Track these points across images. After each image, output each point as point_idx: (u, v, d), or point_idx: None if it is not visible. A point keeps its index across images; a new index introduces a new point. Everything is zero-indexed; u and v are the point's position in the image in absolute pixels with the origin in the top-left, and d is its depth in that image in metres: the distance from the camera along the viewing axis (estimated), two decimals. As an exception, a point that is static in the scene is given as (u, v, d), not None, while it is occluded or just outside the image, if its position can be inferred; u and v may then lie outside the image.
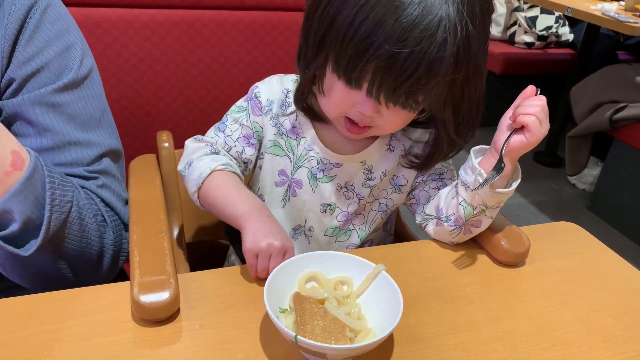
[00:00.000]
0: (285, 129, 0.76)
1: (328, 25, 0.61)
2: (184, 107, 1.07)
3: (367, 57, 0.57)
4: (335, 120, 0.70)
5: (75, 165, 0.72)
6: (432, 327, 0.58)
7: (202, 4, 1.01)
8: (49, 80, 0.68)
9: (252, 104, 0.76)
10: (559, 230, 0.80)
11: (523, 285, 0.67)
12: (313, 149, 0.75)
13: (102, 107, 0.77)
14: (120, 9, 0.97)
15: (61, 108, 0.69)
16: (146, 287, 0.56)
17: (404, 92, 0.59)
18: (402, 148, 0.76)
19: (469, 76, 0.62)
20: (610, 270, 0.72)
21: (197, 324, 0.56)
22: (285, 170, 0.77)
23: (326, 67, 0.65)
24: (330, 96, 0.66)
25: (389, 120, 0.66)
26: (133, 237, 0.65)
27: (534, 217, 2.29)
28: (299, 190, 0.76)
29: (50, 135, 0.69)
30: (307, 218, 0.78)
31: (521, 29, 2.92)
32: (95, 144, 0.74)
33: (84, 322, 0.55)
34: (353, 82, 0.61)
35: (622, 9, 2.28)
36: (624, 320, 0.62)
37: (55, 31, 0.69)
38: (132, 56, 1.00)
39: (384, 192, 0.78)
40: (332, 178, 0.76)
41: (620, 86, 2.18)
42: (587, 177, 2.52)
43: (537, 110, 0.63)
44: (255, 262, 0.62)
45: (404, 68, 0.56)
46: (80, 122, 0.72)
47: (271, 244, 0.61)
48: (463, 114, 0.67)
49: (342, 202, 0.77)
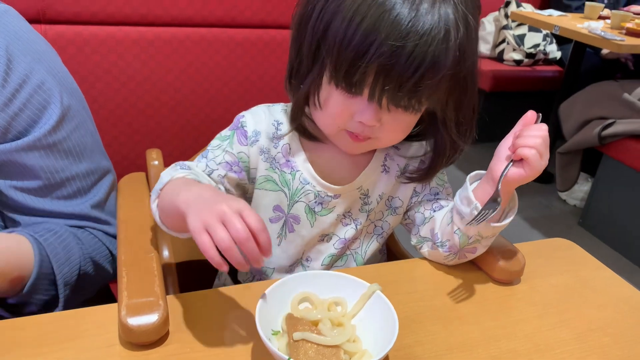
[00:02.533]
0: (278, 162, 0.72)
1: (323, 33, 0.59)
2: (174, 125, 1.06)
3: (369, 57, 0.55)
4: (335, 136, 0.67)
5: (77, 196, 0.72)
6: (428, 347, 0.57)
7: (193, 22, 1.01)
8: (34, 118, 0.66)
9: (237, 132, 0.71)
10: (553, 247, 0.80)
11: (519, 303, 0.66)
12: (309, 182, 0.72)
13: (91, 129, 0.77)
14: (110, 27, 0.97)
15: (57, 146, 0.69)
16: (134, 309, 0.54)
17: (409, 90, 0.57)
18: (397, 168, 0.75)
19: (470, 72, 0.61)
20: (606, 288, 0.71)
21: (187, 347, 0.54)
22: (280, 205, 0.73)
23: (322, 79, 0.63)
24: (328, 108, 0.64)
25: (390, 129, 0.64)
26: (121, 258, 0.63)
27: (526, 233, 2.29)
28: (296, 226, 0.74)
29: (49, 175, 0.69)
30: (304, 251, 0.76)
31: (510, 46, 2.96)
32: (92, 171, 0.74)
33: (69, 347, 0.53)
34: (354, 88, 0.59)
35: (608, 27, 2.31)
36: (622, 339, 0.61)
37: (26, 64, 0.66)
38: (121, 74, 0.99)
39: (380, 214, 0.76)
40: (332, 210, 0.73)
41: (608, 102, 2.20)
42: (577, 193, 2.53)
43: (538, 142, 0.60)
44: (208, 240, 0.49)
45: (408, 63, 0.54)
46: (75, 154, 0.71)
47: (217, 209, 0.50)
48: (464, 112, 0.66)
49: (339, 229, 0.75)
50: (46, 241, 0.66)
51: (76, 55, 0.95)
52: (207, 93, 1.06)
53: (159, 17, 0.98)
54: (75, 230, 0.73)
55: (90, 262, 0.74)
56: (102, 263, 0.76)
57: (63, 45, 0.94)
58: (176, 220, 0.59)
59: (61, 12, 0.92)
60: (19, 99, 0.65)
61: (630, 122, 2.11)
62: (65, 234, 0.70)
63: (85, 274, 0.73)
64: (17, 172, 0.67)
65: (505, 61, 2.99)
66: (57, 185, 0.70)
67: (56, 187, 0.70)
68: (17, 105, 0.65)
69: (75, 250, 0.70)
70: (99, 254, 0.75)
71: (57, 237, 0.68)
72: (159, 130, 1.05)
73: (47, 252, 0.66)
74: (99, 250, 0.76)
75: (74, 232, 0.72)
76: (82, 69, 0.96)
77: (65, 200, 0.72)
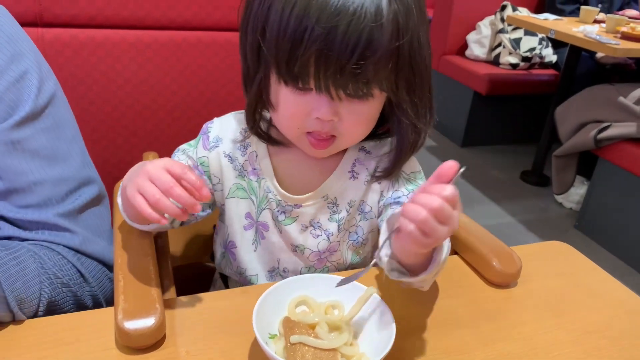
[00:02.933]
0: (245, 170, 0.72)
1: (261, 31, 0.59)
2: (171, 128, 1.06)
3: (305, 44, 0.55)
4: (297, 140, 0.66)
5: (45, 207, 0.66)
6: (425, 351, 0.57)
7: (190, 25, 1.01)
8: (3, 115, 0.62)
9: (203, 138, 0.73)
10: (549, 249, 0.80)
11: (516, 306, 0.67)
12: (272, 190, 0.71)
13: (71, 134, 0.72)
14: (107, 30, 0.97)
15: (21, 145, 0.63)
16: (131, 313, 0.54)
17: (351, 73, 0.55)
18: (366, 173, 0.72)
19: (414, 48, 0.59)
20: (603, 291, 0.71)
21: (183, 351, 0.54)
22: (250, 213, 0.73)
23: (270, 78, 0.63)
24: (283, 109, 0.63)
25: (350, 122, 0.62)
26: (118, 261, 0.63)
27: (522, 236, 2.29)
28: (266, 233, 0.73)
29: (12, 177, 0.63)
30: (279, 260, 0.74)
31: (506, 50, 2.97)
32: (66, 178, 0.68)
33: (65, 351, 0.53)
34: (300, 81, 0.58)
35: (603, 31, 2.33)
36: (619, 342, 0.62)
37: (5, 58, 0.63)
38: (118, 77, 0.99)
39: (353, 219, 0.73)
40: (295, 219, 0.72)
41: (604, 106, 2.22)
42: (573, 196, 2.54)
43: (421, 216, 0.46)
44: (141, 200, 0.54)
45: (344, 44, 0.54)
46: (44, 156, 0.66)
47: (144, 171, 0.55)
48: (418, 94, 0.64)
49: (310, 242, 0.72)
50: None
51: (73, 58, 0.95)
52: (203, 96, 1.06)
53: (156, 20, 0.98)
54: (35, 247, 0.64)
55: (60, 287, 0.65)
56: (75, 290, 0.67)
57: (60, 48, 0.93)
58: (130, 206, 0.60)
59: (58, 15, 0.92)
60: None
61: (625, 125, 2.12)
62: (21, 250, 0.62)
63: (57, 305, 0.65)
64: None
65: (502, 65, 3.00)
66: (22, 190, 0.64)
67: (20, 192, 0.64)
68: None
69: (32, 266, 0.61)
70: (65, 274, 0.67)
71: (10, 252, 0.60)
72: (156, 133, 1.05)
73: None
74: (65, 270, 0.67)
75: (33, 249, 0.64)
76: (79, 72, 0.96)
77: (32, 209, 0.65)
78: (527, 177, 2.80)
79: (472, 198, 2.56)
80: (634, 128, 2.09)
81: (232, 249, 0.76)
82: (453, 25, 3.10)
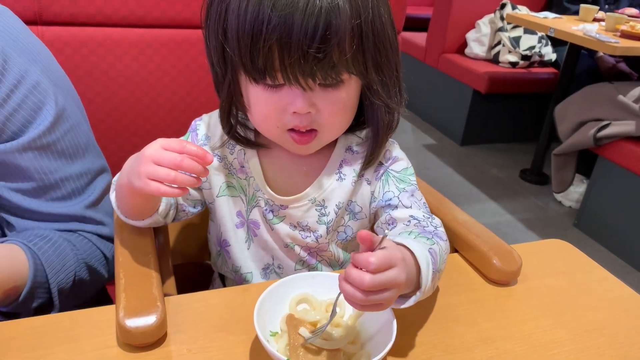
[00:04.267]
0: (235, 168, 0.72)
1: (223, 34, 0.60)
2: (171, 127, 1.06)
3: (264, 36, 0.55)
4: (279, 139, 0.66)
5: (71, 197, 0.72)
6: (426, 349, 0.57)
7: (190, 24, 1.01)
8: (28, 119, 0.66)
9: (191, 135, 0.74)
10: (549, 248, 0.80)
11: (516, 304, 0.67)
12: (260, 189, 0.71)
13: (85, 129, 0.76)
14: (107, 28, 0.96)
15: (51, 147, 0.69)
16: (132, 311, 0.54)
17: (315, 58, 0.55)
18: (353, 173, 0.72)
19: (376, 27, 0.59)
20: (602, 289, 0.71)
21: (184, 349, 0.55)
22: (241, 211, 0.74)
23: (239, 80, 0.63)
24: (257, 110, 0.63)
25: (328, 112, 0.62)
26: (119, 260, 0.63)
27: (521, 234, 2.30)
28: (257, 231, 0.74)
29: (43, 177, 0.68)
30: (273, 256, 0.75)
31: (505, 48, 2.97)
32: (86, 171, 0.74)
33: (66, 349, 0.53)
34: (266, 75, 0.58)
35: (603, 29, 2.33)
36: (618, 340, 0.62)
37: (23, 66, 0.66)
38: (119, 76, 0.99)
39: (342, 220, 0.74)
40: (283, 218, 0.72)
41: (603, 104, 2.22)
42: (573, 195, 2.54)
43: (359, 299, 0.47)
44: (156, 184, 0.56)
45: (303, 29, 0.54)
46: (69, 155, 0.71)
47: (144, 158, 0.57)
48: (386, 73, 0.63)
49: (299, 241, 0.73)
50: (40, 249, 0.66)
51: (73, 56, 0.95)
52: (203, 95, 1.06)
53: (157, 19, 0.98)
54: (68, 235, 0.72)
55: (85, 268, 0.73)
56: (96, 267, 0.75)
57: (60, 47, 0.93)
58: (128, 199, 0.64)
59: (58, 14, 0.92)
60: (13, 99, 0.65)
61: (625, 123, 2.13)
62: (60, 241, 0.69)
63: (81, 280, 0.73)
64: (11, 173, 0.67)
65: (501, 63, 3.00)
66: (51, 186, 0.70)
67: (50, 189, 0.70)
68: (11, 105, 0.64)
69: (70, 256, 0.70)
70: (93, 258, 0.75)
71: (51, 245, 0.68)
72: (157, 132, 1.05)
73: (41, 260, 0.65)
74: (93, 254, 0.75)
75: (67, 237, 0.71)
76: (79, 71, 0.96)
77: (59, 201, 0.71)
78: (526, 176, 2.80)
79: (471, 196, 2.56)
80: (633, 126, 2.10)
81: (226, 248, 0.77)
82: (452, 24, 3.10)
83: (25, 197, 0.68)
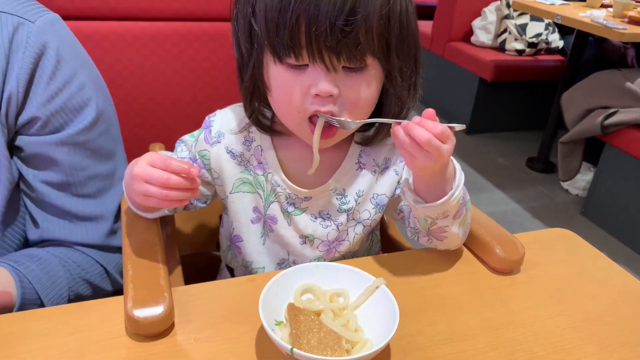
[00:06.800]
0: (252, 165, 0.73)
1: (252, 12, 0.61)
2: (176, 119, 1.07)
3: (292, 7, 0.55)
4: (300, 128, 0.65)
5: (98, 196, 0.75)
6: (429, 337, 0.58)
7: (194, 16, 1.01)
8: (70, 117, 0.70)
9: (204, 133, 0.74)
10: (552, 237, 0.81)
11: (518, 293, 0.67)
12: (280, 184, 0.72)
13: (117, 134, 0.81)
14: (112, 22, 0.97)
15: (85, 145, 0.72)
16: (140, 302, 0.55)
17: (341, 31, 0.55)
18: (373, 163, 0.74)
19: (403, 14, 0.60)
20: (605, 277, 0.72)
21: (191, 338, 0.56)
22: (257, 207, 0.74)
23: (264, 62, 0.63)
24: (279, 91, 0.63)
25: (350, 98, 0.61)
26: (126, 251, 0.64)
27: (528, 223, 2.30)
28: (274, 226, 0.74)
29: (73, 172, 0.72)
30: (289, 252, 0.76)
31: (511, 36, 2.95)
32: (111, 173, 0.77)
33: (76, 339, 0.54)
34: (292, 51, 0.58)
35: (610, 16, 2.30)
36: (619, 328, 0.62)
37: (72, 69, 0.70)
38: (123, 69, 1.00)
39: (367, 213, 0.75)
40: (304, 210, 0.73)
41: (611, 92, 2.20)
42: (579, 183, 2.53)
43: (419, 132, 0.56)
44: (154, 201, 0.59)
45: (332, 1, 0.54)
46: (100, 154, 0.75)
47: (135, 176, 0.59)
48: (407, 62, 0.64)
49: (319, 232, 0.74)
50: (27, 269, 0.67)
51: (78, 50, 0.96)
52: (208, 87, 1.06)
53: (161, 11, 0.99)
54: (61, 251, 0.73)
55: (82, 283, 0.74)
56: (96, 282, 0.76)
57: (65, 40, 0.94)
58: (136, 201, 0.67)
59: (62, 7, 0.92)
60: (61, 97, 0.68)
61: (632, 111, 2.11)
62: (50, 259, 0.71)
63: (79, 295, 0.74)
64: (44, 165, 0.70)
65: (507, 51, 2.98)
66: (79, 183, 0.73)
67: (77, 185, 0.73)
68: (58, 103, 0.68)
69: (61, 273, 0.71)
70: (92, 273, 0.76)
71: (39, 264, 0.69)
72: (162, 125, 1.06)
73: (28, 279, 0.66)
74: (91, 269, 0.76)
75: (58, 254, 0.72)
76: (84, 65, 0.97)
77: (81, 198, 0.74)
78: (532, 164, 2.79)
79: (478, 185, 2.56)
80: (641, 114, 2.08)
81: (237, 243, 0.77)
82: (458, 12, 3.08)
83: (53, 190, 0.71)
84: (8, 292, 0.64)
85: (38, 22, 0.67)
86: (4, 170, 0.66)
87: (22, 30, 0.65)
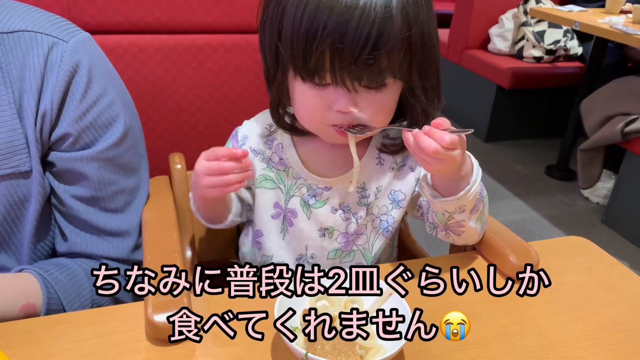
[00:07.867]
0: (273, 162, 0.78)
1: (277, 33, 0.63)
2: (195, 129, 1.09)
3: (318, 40, 0.58)
4: (322, 133, 0.70)
5: (124, 210, 0.77)
6: (442, 343, 0.59)
7: (212, 29, 1.04)
8: (100, 133, 0.72)
9: (232, 141, 0.81)
10: (568, 244, 0.80)
11: (533, 300, 0.67)
12: (301, 177, 0.76)
13: (143, 150, 0.83)
14: (133, 35, 1.00)
15: (114, 160, 0.74)
16: (160, 307, 0.57)
17: (365, 63, 0.59)
18: (392, 160, 0.76)
19: (424, 37, 0.62)
20: (621, 285, 0.71)
21: (209, 343, 0.57)
22: (278, 202, 0.78)
23: (288, 77, 0.67)
24: (303, 105, 0.67)
25: (370, 112, 0.65)
26: (147, 258, 0.66)
27: (547, 231, 2.27)
28: (294, 220, 0.77)
29: (103, 187, 0.74)
30: (307, 246, 0.78)
31: (529, 43, 2.93)
32: (136, 187, 0.79)
33: (98, 343, 0.56)
34: (316, 76, 0.62)
35: (630, 22, 2.28)
36: (636, 336, 0.62)
37: (102, 86, 0.73)
38: (144, 81, 1.02)
39: (384, 208, 0.78)
40: (325, 202, 0.76)
41: (631, 98, 2.17)
42: (600, 190, 2.50)
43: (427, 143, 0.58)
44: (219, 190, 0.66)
45: (357, 36, 0.57)
46: (127, 169, 0.77)
47: (196, 176, 0.67)
48: (429, 79, 0.67)
49: (339, 224, 0.77)
50: (55, 279, 0.69)
51: (101, 63, 0.99)
52: (226, 98, 1.09)
53: (180, 24, 1.01)
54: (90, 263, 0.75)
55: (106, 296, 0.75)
56: (119, 295, 0.77)
57: (89, 54, 0.97)
58: (206, 207, 0.76)
59: (87, 23, 0.96)
60: (91, 113, 0.70)
61: (653, 117, 2.08)
62: (77, 270, 0.72)
63: (100, 307, 0.74)
64: (75, 180, 0.72)
65: (525, 58, 2.96)
66: (107, 197, 0.75)
67: (105, 200, 0.75)
68: (89, 119, 0.70)
69: (87, 285, 0.72)
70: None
71: (67, 274, 0.71)
72: (181, 135, 1.08)
73: (55, 289, 0.68)
74: None
75: (86, 266, 0.74)
76: (107, 77, 1.00)
77: (110, 213, 0.75)
78: (552, 172, 2.76)
79: (497, 193, 2.54)
80: (662, 120, 2.05)
81: (257, 239, 0.80)
82: (475, 19, 3.07)
83: (82, 204, 0.73)
84: (32, 305, 0.65)
85: (71, 42, 0.69)
86: (37, 185, 0.69)
87: (57, 49, 0.68)
